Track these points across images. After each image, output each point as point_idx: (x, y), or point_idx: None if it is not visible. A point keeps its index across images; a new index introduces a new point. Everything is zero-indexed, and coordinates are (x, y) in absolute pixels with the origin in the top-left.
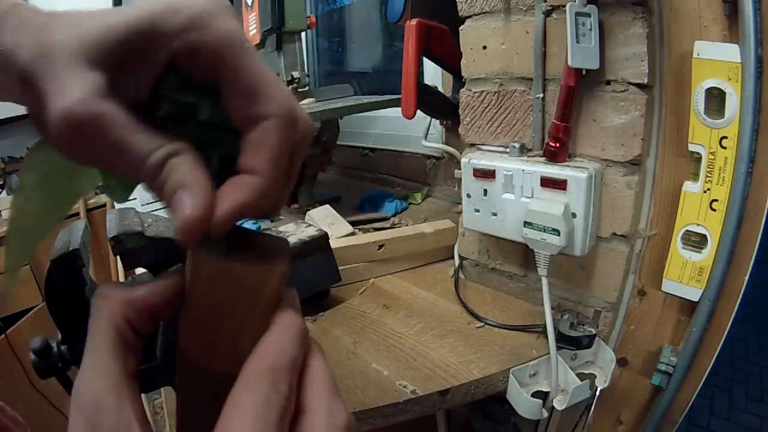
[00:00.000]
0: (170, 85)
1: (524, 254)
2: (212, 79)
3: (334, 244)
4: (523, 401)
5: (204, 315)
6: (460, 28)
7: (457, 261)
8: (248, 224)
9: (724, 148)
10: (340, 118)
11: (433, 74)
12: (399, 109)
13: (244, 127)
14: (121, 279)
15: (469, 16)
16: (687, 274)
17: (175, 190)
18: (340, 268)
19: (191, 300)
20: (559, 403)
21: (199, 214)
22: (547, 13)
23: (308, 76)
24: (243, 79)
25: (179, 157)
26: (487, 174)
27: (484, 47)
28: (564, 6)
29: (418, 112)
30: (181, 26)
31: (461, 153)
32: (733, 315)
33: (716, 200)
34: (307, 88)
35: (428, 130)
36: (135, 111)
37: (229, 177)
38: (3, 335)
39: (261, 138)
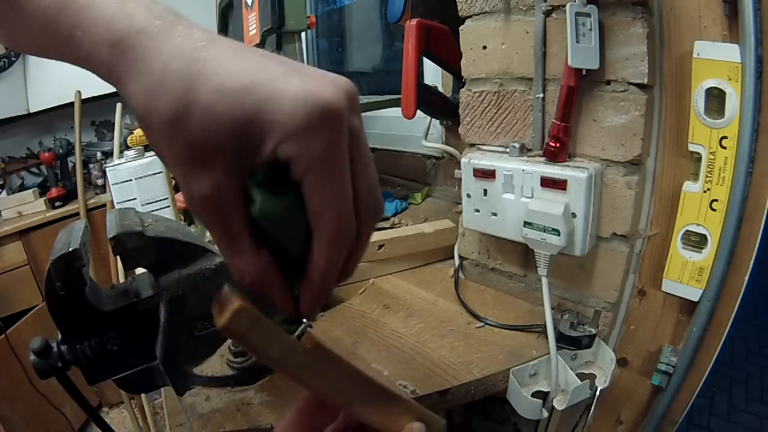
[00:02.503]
0: (258, 179)
1: (524, 254)
2: (296, 178)
3: None
4: (523, 401)
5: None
6: (460, 28)
7: (457, 261)
8: None
9: (724, 148)
10: None
11: (433, 74)
12: (399, 109)
13: (311, 222)
14: (121, 279)
15: (469, 16)
16: (687, 274)
17: (272, 296)
18: None
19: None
20: (559, 403)
21: (295, 316)
22: (547, 13)
23: None
24: (320, 193)
25: (271, 276)
26: (487, 174)
27: (484, 47)
28: (564, 6)
29: (418, 112)
30: (285, 132)
31: (461, 153)
32: (733, 315)
33: (716, 200)
34: None
35: (428, 130)
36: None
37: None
38: (3, 335)
39: (319, 235)
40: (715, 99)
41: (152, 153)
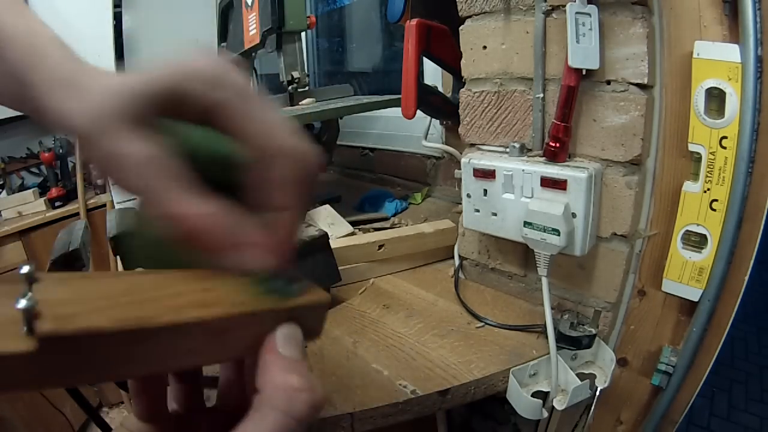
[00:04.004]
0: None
1: (524, 254)
2: (226, 125)
3: (334, 244)
4: (523, 401)
5: None
6: (460, 28)
7: (457, 261)
8: None
9: (724, 148)
10: (340, 118)
11: (433, 74)
12: (399, 109)
13: (261, 164)
14: None
15: (469, 16)
16: (687, 274)
17: (239, 244)
18: (340, 268)
19: None
20: (559, 403)
21: (274, 260)
22: (547, 13)
23: (308, 76)
24: (256, 124)
25: (234, 214)
26: (487, 174)
27: (484, 47)
28: (564, 6)
29: (418, 112)
30: (204, 88)
31: (461, 153)
32: (733, 315)
33: (716, 200)
34: (307, 88)
35: (428, 130)
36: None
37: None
38: None
39: (282, 175)
40: (715, 99)
41: None
